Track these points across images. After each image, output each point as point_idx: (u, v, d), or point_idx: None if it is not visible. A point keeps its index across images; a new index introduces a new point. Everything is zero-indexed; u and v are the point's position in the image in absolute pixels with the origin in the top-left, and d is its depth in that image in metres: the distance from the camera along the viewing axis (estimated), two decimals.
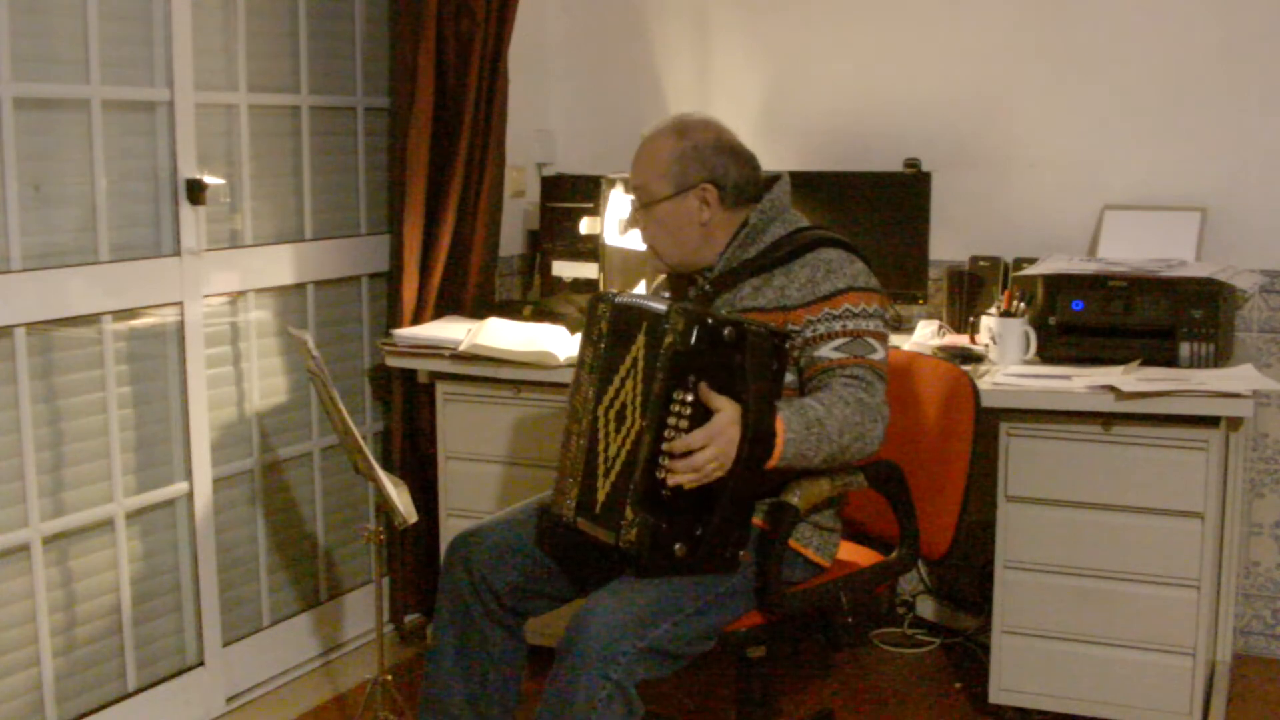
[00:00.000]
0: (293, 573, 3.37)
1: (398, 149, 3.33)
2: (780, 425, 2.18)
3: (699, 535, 2.19)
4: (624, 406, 2.25)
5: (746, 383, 2.16)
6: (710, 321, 2.16)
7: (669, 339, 2.17)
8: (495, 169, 3.49)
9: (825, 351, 2.32)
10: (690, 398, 2.14)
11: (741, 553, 2.25)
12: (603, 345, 2.33)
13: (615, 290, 2.42)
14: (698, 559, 2.20)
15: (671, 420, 2.15)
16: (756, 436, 2.15)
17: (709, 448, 2.13)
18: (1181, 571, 2.80)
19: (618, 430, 2.26)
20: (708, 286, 2.45)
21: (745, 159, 2.46)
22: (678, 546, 2.18)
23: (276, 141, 3.23)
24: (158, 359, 2.95)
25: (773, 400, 2.20)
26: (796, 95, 3.72)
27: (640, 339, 2.24)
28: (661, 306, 2.23)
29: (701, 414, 2.15)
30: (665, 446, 2.15)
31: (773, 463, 2.19)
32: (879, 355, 2.34)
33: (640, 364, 2.23)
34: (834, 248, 2.40)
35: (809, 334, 2.33)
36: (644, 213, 2.47)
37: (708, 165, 2.41)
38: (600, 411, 2.30)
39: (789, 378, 2.32)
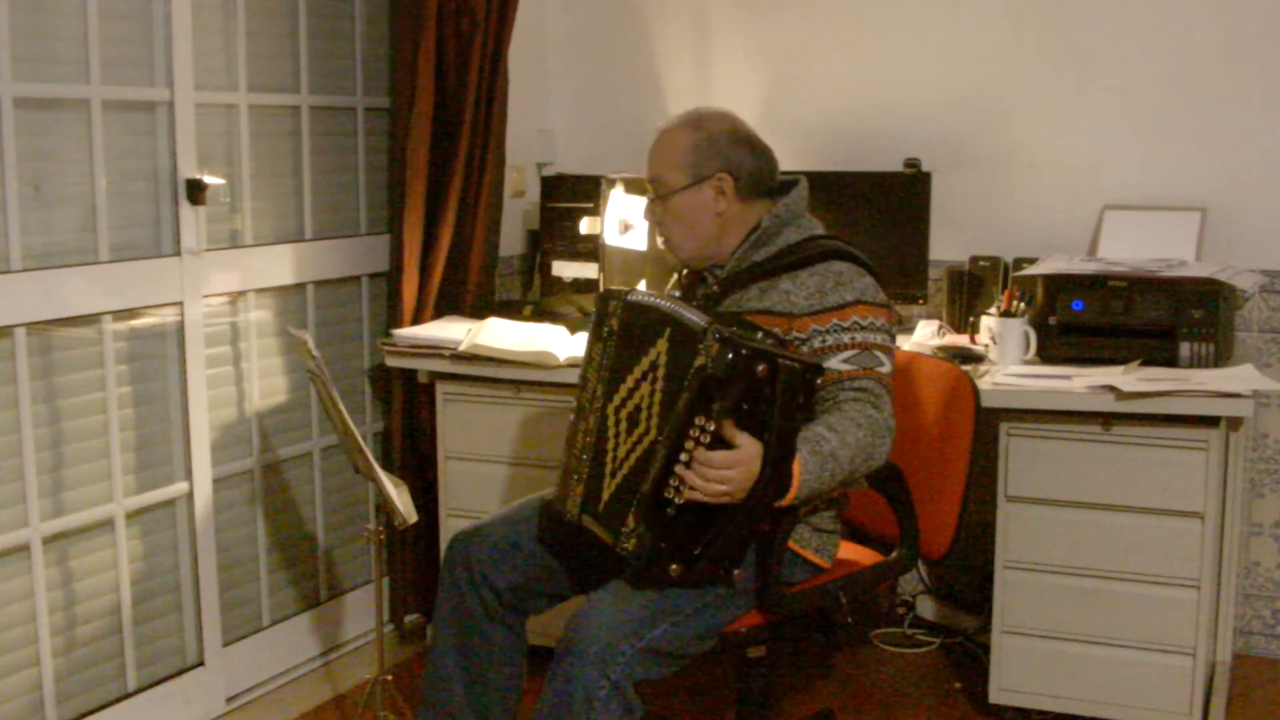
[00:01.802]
0: (293, 573, 3.37)
1: (398, 149, 3.32)
2: (798, 467, 2.16)
3: (696, 555, 2.17)
4: (638, 410, 2.24)
5: (772, 419, 2.13)
6: (745, 352, 2.12)
7: (700, 360, 2.14)
8: (495, 169, 3.49)
9: (834, 363, 2.31)
10: (713, 426, 2.11)
11: (736, 571, 2.23)
12: (613, 343, 2.32)
13: (626, 288, 2.41)
14: (692, 577, 2.19)
15: (689, 444, 2.13)
16: (773, 478, 2.13)
17: (727, 470, 2.11)
18: (1181, 571, 2.80)
19: (629, 432, 2.25)
20: (716, 288, 2.45)
21: (761, 150, 2.46)
22: (674, 567, 2.17)
23: (276, 141, 3.23)
24: (158, 359, 2.95)
25: (794, 439, 2.18)
26: (796, 95, 3.72)
27: (662, 344, 2.23)
28: (692, 317, 2.21)
29: (720, 444, 2.13)
30: (683, 457, 2.13)
31: (785, 503, 2.18)
32: (886, 369, 2.33)
33: (661, 371, 2.22)
34: (845, 260, 2.39)
35: (816, 344, 2.32)
36: (660, 204, 2.46)
37: (723, 155, 2.41)
38: (610, 410, 2.29)
39: None
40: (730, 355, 2.11)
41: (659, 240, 2.52)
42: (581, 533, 2.34)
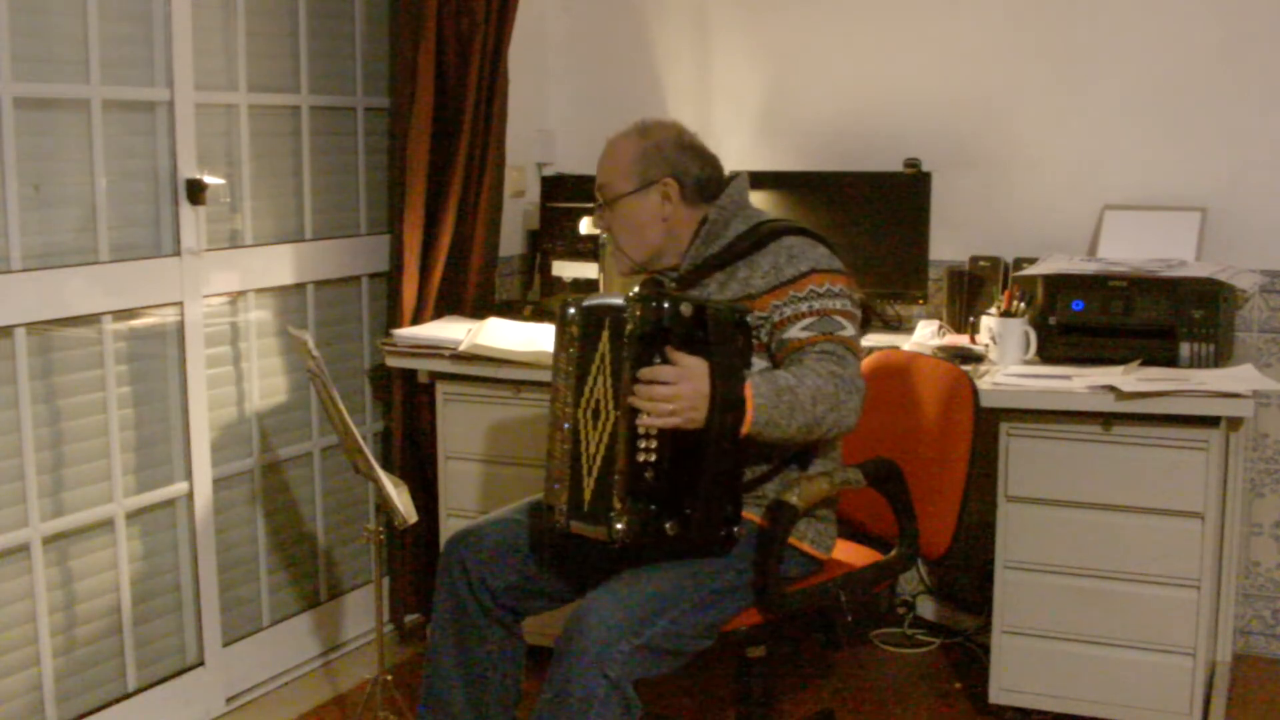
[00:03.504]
0: (293, 573, 3.37)
1: (398, 149, 3.33)
2: (749, 390, 2.20)
3: (688, 513, 2.20)
4: (598, 403, 2.28)
5: (711, 354, 2.19)
6: (667, 302, 2.20)
7: (629, 326, 2.21)
8: (495, 169, 3.49)
9: (794, 332, 2.33)
10: (658, 360, 2.17)
11: (736, 529, 2.26)
12: (574, 349, 2.35)
13: (583, 295, 2.45)
14: (690, 537, 2.21)
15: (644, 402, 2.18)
16: (726, 400, 2.17)
17: (675, 385, 2.15)
18: (1181, 571, 2.80)
19: (595, 427, 2.29)
20: (673, 284, 2.48)
21: (707, 157, 2.50)
22: (668, 525, 2.19)
23: (276, 141, 3.24)
24: (158, 359, 2.96)
25: (739, 371, 2.23)
26: (796, 95, 3.72)
27: (605, 335, 2.28)
28: (620, 300, 2.27)
29: None
30: (639, 373, 2.17)
31: (745, 428, 2.20)
32: (848, 332, 2.36)
33: (608, 358, 2.27)
34: (795, 235, 2.42)
35: (776, 318, 2.35)
36: (608, 210, 2.51)
37: (669, 161, 2.45)
38: (579, 414, 2.32)
39: (762, 364, 2.34)
40: (653, 305, 2.19)
41: (610, 247, 2.56)
42: (575, 538, 2.35)
